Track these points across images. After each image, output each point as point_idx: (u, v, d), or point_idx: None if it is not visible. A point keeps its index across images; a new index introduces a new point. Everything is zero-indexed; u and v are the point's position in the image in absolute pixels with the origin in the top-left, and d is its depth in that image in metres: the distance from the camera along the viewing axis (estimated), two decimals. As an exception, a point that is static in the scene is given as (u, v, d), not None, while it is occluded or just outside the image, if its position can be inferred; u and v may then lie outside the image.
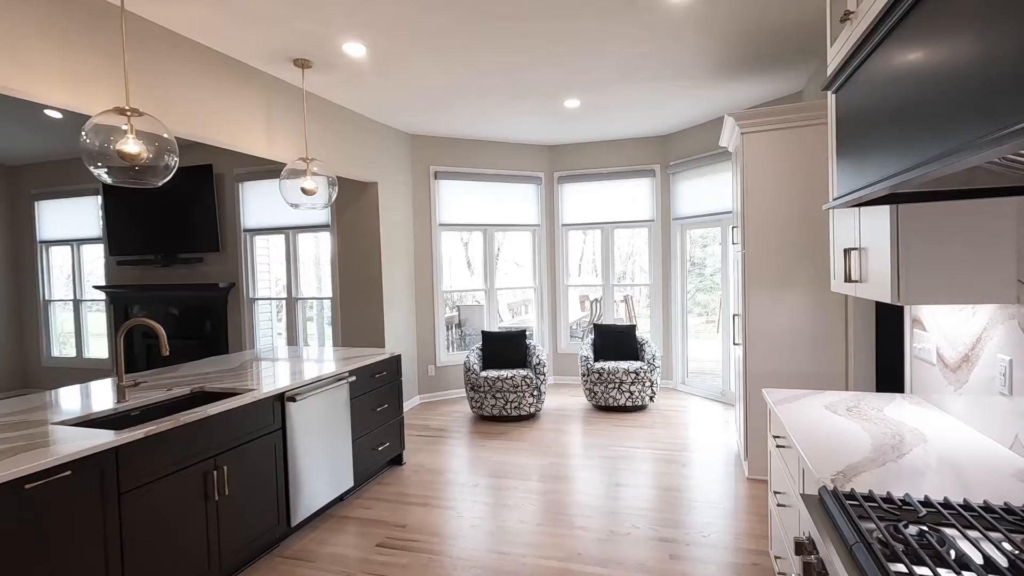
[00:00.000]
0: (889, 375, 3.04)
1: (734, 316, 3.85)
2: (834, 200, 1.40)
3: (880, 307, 3.09)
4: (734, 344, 3.84)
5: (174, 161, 2.50)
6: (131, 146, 2.36)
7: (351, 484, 3.29)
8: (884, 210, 1.63)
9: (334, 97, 4.26)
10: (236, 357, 3.73)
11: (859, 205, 1.50)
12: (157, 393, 2.66)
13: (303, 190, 3.54)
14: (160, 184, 2.50)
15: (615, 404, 5.07)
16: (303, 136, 3.97)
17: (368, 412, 3.50)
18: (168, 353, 2.49)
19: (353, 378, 3.30)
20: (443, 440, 4.45)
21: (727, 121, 3.54)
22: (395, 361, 3.81)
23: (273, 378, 2.97)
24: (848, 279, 1.96)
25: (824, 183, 3.23)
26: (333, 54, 3.39)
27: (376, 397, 3.59)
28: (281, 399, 2.76)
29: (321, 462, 3.03)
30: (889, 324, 3.02)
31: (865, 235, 1.82)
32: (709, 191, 5.38)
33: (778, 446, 2.04)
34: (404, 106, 4.56)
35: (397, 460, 3.90)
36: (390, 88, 4.09)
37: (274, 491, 2.70)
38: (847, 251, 1.96)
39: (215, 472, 2.34)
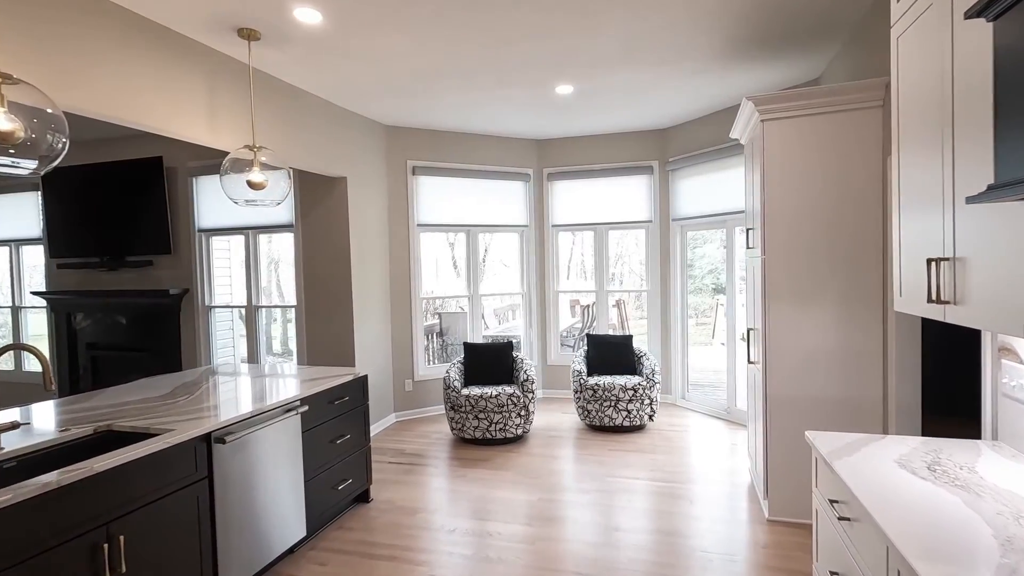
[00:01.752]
0: (940, 404, 2.59)
1: (748, 330, 3.39)
2: (1002, 186, 0.91)
3: (929, 324, 2.63)
4: (749, 362, 3.37)
5: (62, 143, 1.96)
6: (1, 122, 1.83)
7: (303, 533, 2.76)
8: (1011, 208, 1.15)
9: (293, 78, 3.73)
10: (178, 378, 3.19)
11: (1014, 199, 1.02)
12: (49, 435, 2.12)
13: (249, 184, 3.01)
14: (44, 172, 1.97)
15: (611, 424, 4.58)
16: (256, 118, 3.44)
17: (325, 445, 2.97)
18: (54, 387, 1.96)
19: (306, 408, 2.77)
20: (419, 469, 3.93)
21: (744, 106, 3.07)
22: (360, 383, 3.28)
23: (208, 409, 2.44)
24: (935, 299, 1.48)
25: (865, 178, 2.76)
26: (283, 22, 2.86)
27: (336, 426, 3.07)
28: (208, 441, 2.23)
29: (262, 512, 2.50)
30: (942, 344, 2.57)
31: (966, 240, 1.35)
32: (712, 190, 4.93)
33: (840, 518, 1.56)
34: (375, 91, 4.04)
35: (363, 497, 3.38)
36: (357, 69, 3.56)
37: (196, 558, 2.16)
38: (933, 262, 1.49)
39: (106, 544, 1.80)
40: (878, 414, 2.80)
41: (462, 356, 4.85)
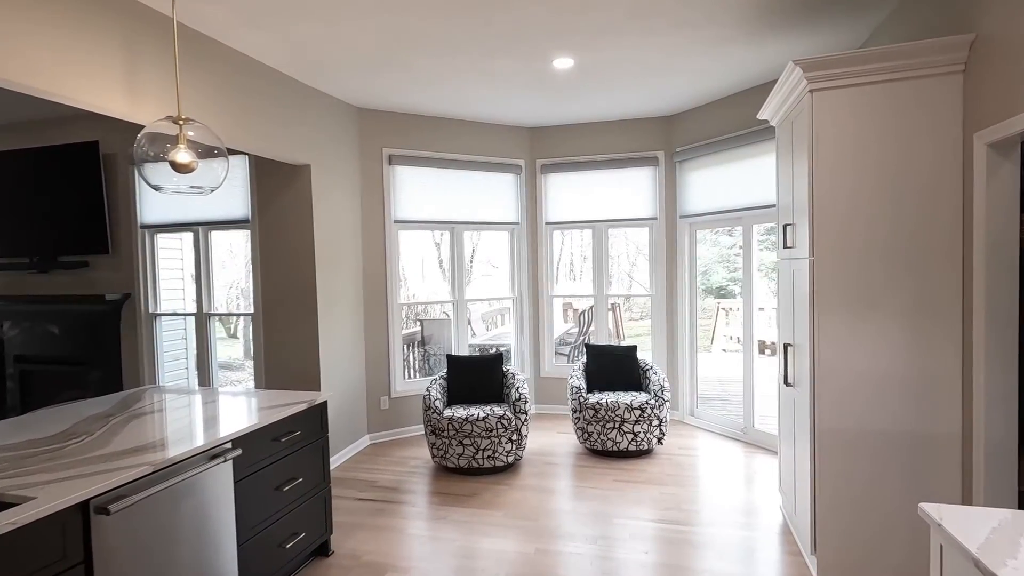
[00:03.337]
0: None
1: (785, 346, 2.84)
2: None
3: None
4: (785, 384, 2.83)
5: None
6: None
7: (236, 612, 2.16)
8: None
9: (239, 43, 3.11)
10: (86, 407, 2.56)
11: None
12: None
13: (173, 165, 2.39)
14: None
15: (615, 448, 4.02)
16: (192, 91, 2.83)
17: (269, 494, 2.37)
18: None
19: (238, 451, 2.16)
20: (392, 508, 3.33)
21: (786, 76, 2.52)
22: (317, 412, 2.68)
23: (102, 459, 1.83)
24: None
25: (942, 161, 2.22)
26: (213, -40, 2.26)
27: (284, 469, 2.46)
28: (85, 511, 1.62)
29: (175, 595, 1.89)
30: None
31: None
32: (728, 182, 4.39)
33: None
34: (339, 62, 3.43)
35: (322, 549, 2.78)
36: (314, 31, 2.96)
37: (63, 677, 1.55)
38: None
39: None
40: (955, 452, 2.27)
41: (445, 371, 4.26)
